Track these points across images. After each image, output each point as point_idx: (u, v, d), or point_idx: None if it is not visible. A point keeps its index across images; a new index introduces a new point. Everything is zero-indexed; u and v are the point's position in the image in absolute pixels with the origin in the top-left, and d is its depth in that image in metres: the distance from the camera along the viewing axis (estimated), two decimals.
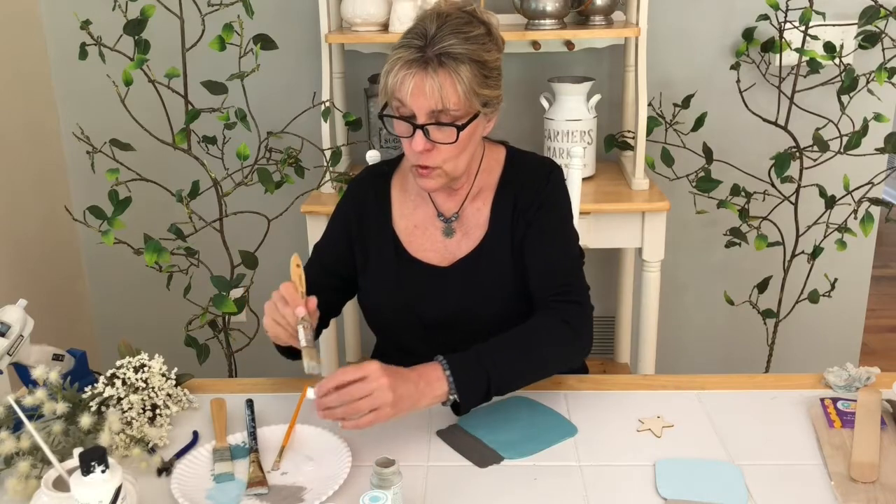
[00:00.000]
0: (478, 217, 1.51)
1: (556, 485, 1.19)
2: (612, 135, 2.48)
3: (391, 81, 1.35)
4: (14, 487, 1.14)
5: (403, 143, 1.41)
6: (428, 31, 1.34)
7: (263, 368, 2.74)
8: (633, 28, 2.21)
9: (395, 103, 1.37)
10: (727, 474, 1.21)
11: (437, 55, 1.32)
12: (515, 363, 1.32)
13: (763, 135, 2.49)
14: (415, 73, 1.32)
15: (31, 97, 2.54)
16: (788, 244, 2.49)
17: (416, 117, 1.35)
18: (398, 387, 1.20)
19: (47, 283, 2.60)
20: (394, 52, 1.36)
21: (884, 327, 3.63)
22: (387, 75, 1.36)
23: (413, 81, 1.32)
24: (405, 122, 1.36)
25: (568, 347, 1.39)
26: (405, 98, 1.34)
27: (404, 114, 1.36)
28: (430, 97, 1.32)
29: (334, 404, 1.19)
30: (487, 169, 1.52)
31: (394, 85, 1.34)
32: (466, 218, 1.51)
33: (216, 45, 2.08)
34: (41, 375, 1.24)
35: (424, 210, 1.53)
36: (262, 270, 2.39)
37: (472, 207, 1.51)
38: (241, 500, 1.16)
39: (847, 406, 1.35)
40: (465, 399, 1.26)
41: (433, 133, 1.35)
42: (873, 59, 2.35)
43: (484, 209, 1.50)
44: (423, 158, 1.38)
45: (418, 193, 1.54)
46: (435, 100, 1.32)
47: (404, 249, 1.52)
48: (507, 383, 1.32)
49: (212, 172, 2.22)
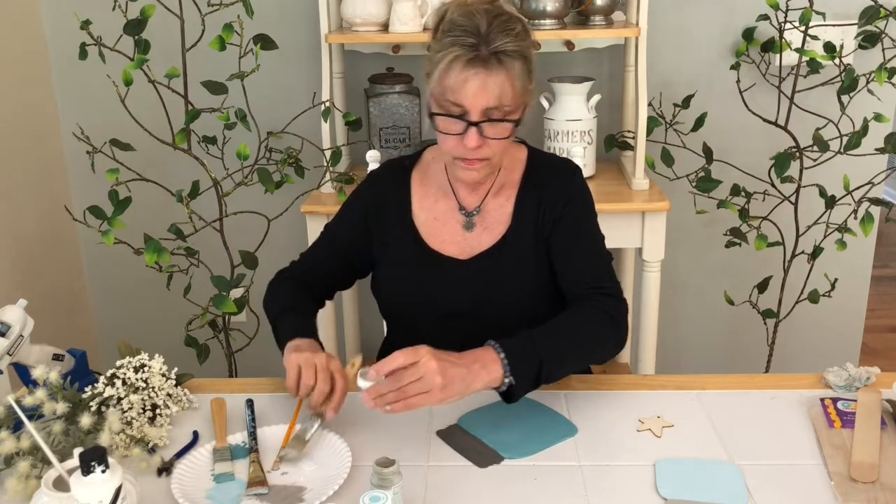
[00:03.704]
0: (500, 213, 1.53)
1: (556, 485, 1.19)
2: (612, 135, 2.48)
3: (452, 81, 1.35)
4: (14, 487, 1.14)
5: (446, 139, 1.40)
6: (480, 28, 1.34)
7: (263, 368, 2.74)
8: (633, 28, 2.21)
9: (447, 102, 1.37)
10: (727, 474, 1.21)
11: (493, 53, 1.33)
12: (564, 351, 1.33)
13: (763, 135, 2.49)
14: (476, 72, 1.33)
15: (31, 97, 2.54)
16: (788, 244, 2.49)
17: (468, 114, 1.36)
18: (447, 370, 1.20)
19: (47, 283, 2.60)
20: (444, 50, 1.35)
21: (884, 327, 3.63)
22: (444, 75, 1.35)
23: (476, 81, 1.33)
24: (459, 120, 1.37)
25: (610, 338, 1.40)
26: (465, 97, 1.34)
27: (454, 112, 1.37)
28: (490, 95, 1.34)
29: (385, 391, 1.20)
30: (509, 166, 1.54)
31: (455, 84, 1.34)
32: (488, 213, 1.53)
33: (216, 45, 2.08)
34: (41, 375, 1.24)
35: (445, 203, 1.55)
36: (262, 270, 2.38)
37: (494, 203, 1.53)
38: (241, 500, 1.16)
39: (847, 406, 1.35)
40: (520, 383, 1.27)
41: (487, 129, 1.37)
42: (873, 59, 2.35)
43: (507, 205, 1.52)
44: (472, 152, 1.39)
45: (439, 187, 1.55)
46: (494, 97, 1.34)
47: (424, 241, 1.53)
48: (555, 370, 1.32)
49: (212, 172, 2.22)
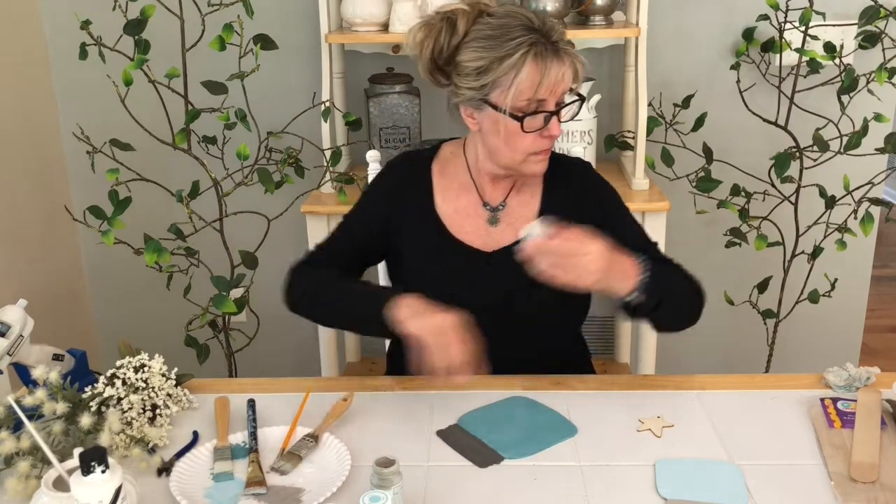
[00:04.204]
0: (526, 209, 1.54)
1: (556, 485, 1.19)
2: (612, 135, 2.48)
3: (539, 77, 1.36)
4: (14, 487, 1.14)
5: (522, 139, 1.41)
6: (534, 22, 1.38)
7: (263, 368, 2.75)
8: (633, 28, 2.21)
9: (526, 102, 1.38)
10: (727, 474, 1.21)
11: (558, 41, 1.38)
12: (681, 288, 1.44)
13: (763, 135, 2.49)
14: (554, 60, 1.37)
15: (31, 97, 2.53)
16: (788, 244, 2.49)
17: (546, 104, 1.39)
18: (607, 268, 1.26)
19: (47, 283, 2.60)
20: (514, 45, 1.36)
21: (884, 327, 3.62)
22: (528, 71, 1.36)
23: (557, 68, 1.37)
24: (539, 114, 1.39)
25: (702, 294, 1.47)
26: (550, 84, 1.37)
27: (533, 108, 1.39)
28: (566, 81, 1.39)
29: (551, 252, 1.24)
30: None
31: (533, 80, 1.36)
32: (513, 209, 1.55)
33: (216, 45, 2.08)
34: (41, 375, 1.24)
35: (468, 198, 1.56)
36: (262, 270, 2.39)
37: (518, 199, 1.55)
38: (239, 499, 1.16)
39: (847, 406, 1.35)
40: (650, 297, 1.33)
41: (563, 115, 1.42)
42: (873, 59, 2.35)
43: (532, 202, 1.55)
44: (549, 142, 1.43)
45: (461, 183, 1.56)
46: (567, 81, 1.40)
47: (447, 231, 1.54)
48: (672, 303, 1.39)
49: (212, 172, 2.22)
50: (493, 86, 1.39)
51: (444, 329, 1.27)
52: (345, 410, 1.35)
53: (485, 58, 1.38)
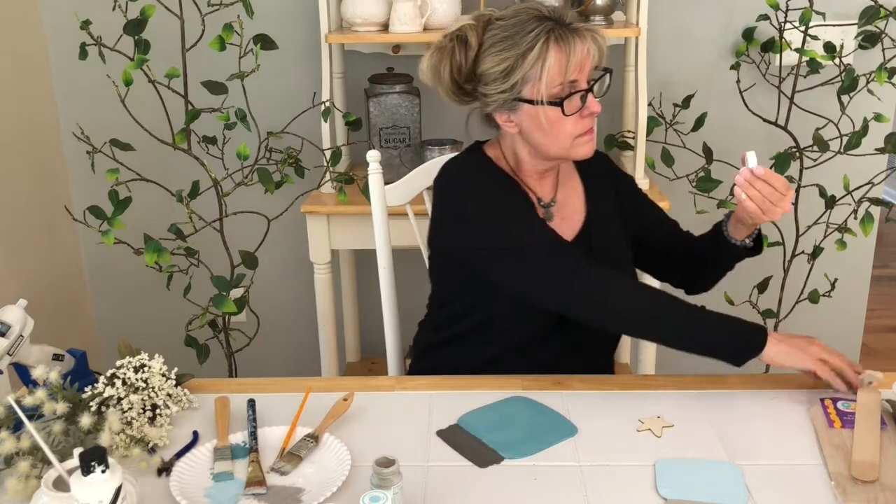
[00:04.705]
0: (575, 202, 1.58)
1: (556, 485, 1.19)
2: (612, 135, 2.48)
3: (566, 59, 1.38)
4: (14, 487, 1.14)
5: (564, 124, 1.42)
6: (544, 11, 1.42)
7: (263, 368, 2.75)
8: (633, 28, 2.21)
9: (561, 87, 1.40)
10: (727, 474, 1.21)
11: (572, 23, 1.41)
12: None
13: (763, 135, 2.49)
14: (576, 39, 1.39)
15: (31, 97, 2.53)
16: (788, 244, 2.49)
17: (578, 83, 1.41)
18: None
19: (47, 283, 2.60)
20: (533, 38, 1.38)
21: (884, 327, 3.62)
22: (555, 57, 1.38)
23: (581, 46, 1.39)
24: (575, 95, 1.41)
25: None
26: (579, 62, 1.39)
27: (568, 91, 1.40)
28: (592, 56, 1.41)
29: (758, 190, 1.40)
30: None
31: (570, 58, 1.38)
32: (563, 203, 1.57)
33: (216, 45, 2.08)
34: (41, 375, 1.24)
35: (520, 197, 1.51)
36: (262, 270, 2.39)
37: (565, 192, 1.58)
38: (238, 499, 1.16)
39: (847, 406, 1.35)
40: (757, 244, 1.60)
41: (598, 91, 1.44)
42: (873, 59, 2.35)
43: (577, 193, 1.59)
44: (589, 120, 1.44)
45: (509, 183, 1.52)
46: (595, 58, 1.42)
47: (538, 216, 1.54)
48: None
49: (212, 172, 2.22)
50: (523, 82, 1.40)
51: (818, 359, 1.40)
52: (345, 410, 1.35)
53: (508, 58, 1.40)
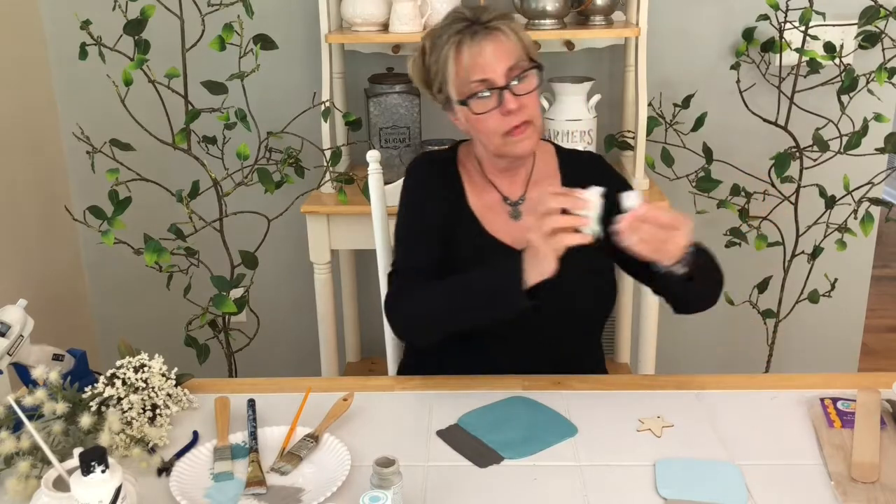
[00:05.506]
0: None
1: (556, 485, 1.19)
2: (612, 135, 2.48)
3: (467, 61, 1.42)
4: (14, 487, 1.14)
5: (487, 121, 1.45)
6: (466, 14, 1.45)
7: (263, 368, 2.75)
8: (633, 28, 2.21)
9: (471, 85, 1.43)
10: (727, 474, 1.21)
11: (490, 20, 1.43)
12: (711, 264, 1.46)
13: (763, 135, 2.49)
14: (483, 40, 1.41)
15: (31, 97, 2.53)
16: (788, 244, 2.49)
17: (493, 82, 1.42)
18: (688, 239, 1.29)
19: (47, 283, 2.60)
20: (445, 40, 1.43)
21: (884, 327, 3.62)
22: (456, 61, 1.43)
23: (489, 45, 1.41)
24: (490, 91, 1.42)
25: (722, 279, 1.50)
26: (486, 65, 1.41)
27: (481, 89, 1.42)
28: (506, 55, 1.42)
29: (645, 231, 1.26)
30: (542, 158, 1.60)
31: (470, 58, 1.42)
32: (533, 202, 1.55)
33: (216, 45, 2.08)
34: (41, 375, 1.24)
35: (490, 195, 1.58)
36: (262, 270, 2.39)
37: (537, 192, 1.56)
38: (238, 499, 1.16)
39: (847, 406, 1.35)
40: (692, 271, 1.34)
41: (517, 89, 1.43)
42: (873, 59, 2.35)
43: None
44: (514, 117, 1.43)
45: (481, 179, 1.58)
46: (510, 56, 1.42)
47: (483, 228, 1.55)
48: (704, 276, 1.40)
49: (212, 172, 2.22)
50: (444, 84, 1.47)
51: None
52: (345, 410, 1.35)
53: (433, 63, 1.48)
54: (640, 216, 1.26)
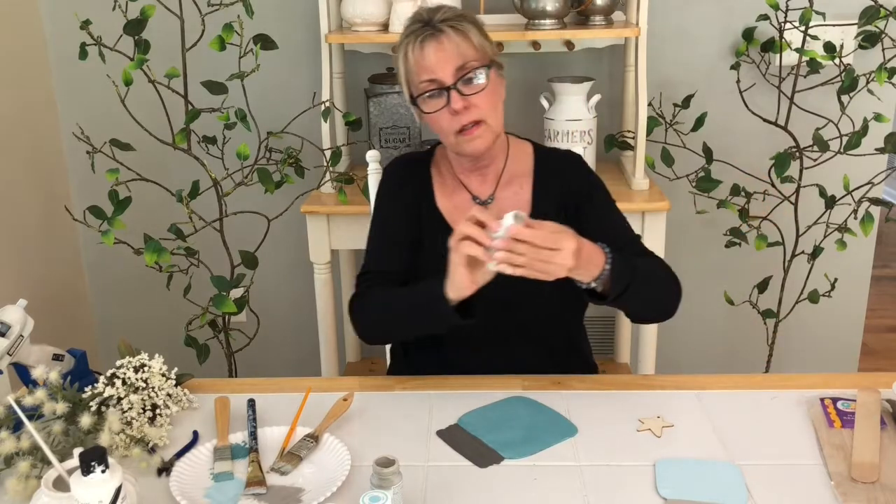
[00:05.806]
0: (516, 200, 1.57)
1: (556, 485, 1.19)
2: (612, 135, 2.48)
3: (412, 59, 1.45)
4: (14, 487, 1.14)
5: (438, 120, 1.47)
6: (423, 15, 1.48)
7: (263, 368, 2.75)
8: (633, 28, 2.21)
9: (421, 84, 1.45)
10: (727, 474, 1.21)
11: (441, 21, 1.45)
12: (651, 276, 1.43)
13: (763, 135, 2.49)
14: (430, 41, 1.44)
15: (31, 97, 2.53)
16: (788, 244, 2.49)
17: (441, 82, 1.44)
18: (579, 256, 1.26)
19: (47, 283, 2.60)
20: (401, 42, 1.49)
21: (884, 327, 3.62)
22: (404, 59, 1.47)
23: (433, 46, 1.43)
24: (438, 90, 1.44)
25: (676, 290, 1.49)
26: (431, 65, 1.43)
27: (430, 88, 1.45)
28: (453, 55, 1.43)
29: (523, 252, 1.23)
30: (516, 158, 1.59)
31: (416, 60, 1.45)
32: (503, 201, 1.57)
33: (216, 45, 2.08)
34: (41, 375, 1.24)
35: (460, 195, 1.59)
36: (262, 270, 2.39)
37: (507, 191, 1.58)
38: (238, 499, 1.16)
39: (847, 406, 1.35)
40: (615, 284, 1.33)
41: (465, 88, 1.44)
42: (873, 59, 2.35)
43: (522, 193, 1.57)
44: (464, 116, 1.44)
45: (453, 180, 1.60)
46: (457, 56, 1.43)
47: (449, 228, 1.54)
48: (640, 289, 1.38)
49: (212, 172, 2.22)
50: (403, 84, 1.50)
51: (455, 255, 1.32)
52: (345, 410, 1.35)
53: (397, 64, 1.51)
54: (513, 234, 1.23)
